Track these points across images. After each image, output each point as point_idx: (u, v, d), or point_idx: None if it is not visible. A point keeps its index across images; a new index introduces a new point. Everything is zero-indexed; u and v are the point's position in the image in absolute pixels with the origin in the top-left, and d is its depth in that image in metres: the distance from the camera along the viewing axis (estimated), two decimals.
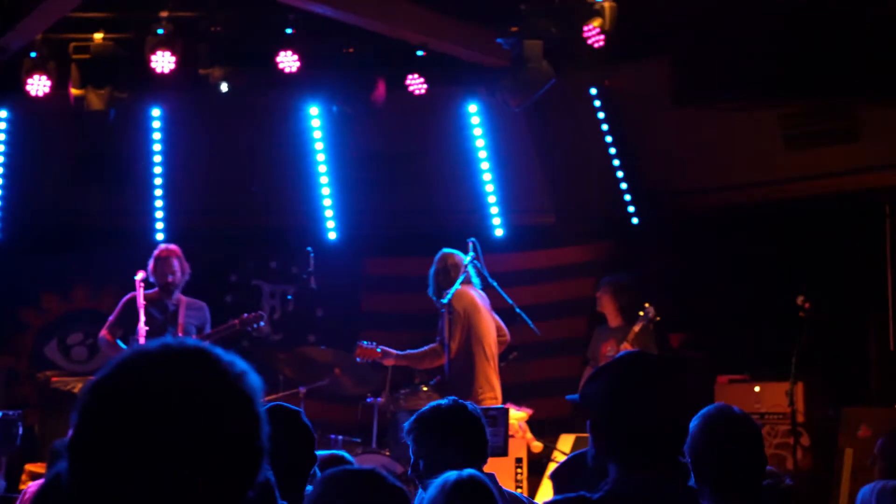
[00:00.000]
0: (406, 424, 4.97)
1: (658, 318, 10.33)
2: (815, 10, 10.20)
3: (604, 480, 3.02)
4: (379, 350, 9.20)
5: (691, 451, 3.95)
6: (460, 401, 4.90)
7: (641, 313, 10.30)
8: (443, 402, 4.90)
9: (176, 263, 9.71)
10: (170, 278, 9.67)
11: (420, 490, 4.62)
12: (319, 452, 3.83)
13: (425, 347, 9.19)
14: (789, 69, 10.48)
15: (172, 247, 9.88)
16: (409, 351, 9.24)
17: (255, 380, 1.83)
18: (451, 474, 3.73)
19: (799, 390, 10.11)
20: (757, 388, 10.66)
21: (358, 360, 9.24)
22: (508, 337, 9.60)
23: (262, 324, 9.60)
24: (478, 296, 9.23)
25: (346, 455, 4.97)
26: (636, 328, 10.22)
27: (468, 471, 3.80)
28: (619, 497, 2.93)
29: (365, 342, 9.21)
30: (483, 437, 4.83)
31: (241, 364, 1.83)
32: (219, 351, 1.82)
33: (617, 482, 2.96)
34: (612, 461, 3.00)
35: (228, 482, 1.76)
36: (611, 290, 10.65)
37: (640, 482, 2.94)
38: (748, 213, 11.88)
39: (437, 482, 3.78)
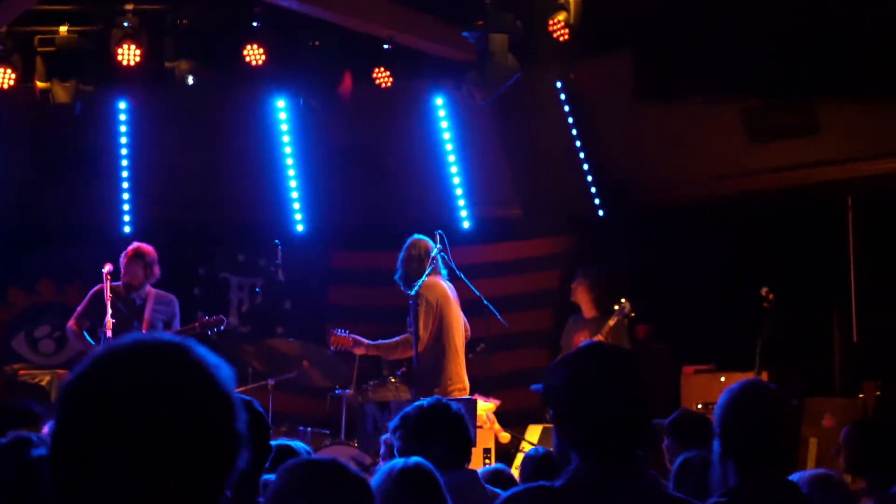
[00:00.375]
0: (391, 423, 5.00)
1: (633, 314, 10.38)
2: (775, 9, 10.28)
3: (565, 470, 3.05)
4: (351, 339, 9.19)
5: (719, 424, 4.00)
6: (444, 399, 4.94)
7: (617, 307, 10.33)
8: (426, 401, 4.94)
9: (139, 270, 9.63)
10: (131, 279, 9.62)
11: None
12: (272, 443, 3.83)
13: (397, 338, 9.19)
14: (749, 65, 10.56)
15: (143, 249, 9.77)
16: (380, 341, 9.24)
17: (228, 372, 1.84)
18: (398, 462, 3.76)
19: (763, 380, 10.18)
20: (722, 379, 10.73)
21: (332, 348, 9.22)
22: (470, 332, 9.63)
23: (222, 328, 9.57)
24: (448, 288, 9.25)
25: (298, 445, 4.96)
26: (611, 322, 10.26)
27: (414, 459, 3.83)
28: (578, 486, 2.95)
29: (339, 330, 9.20)
30: (466, 435, 4.87)
31: (213, 357, 1.84)
32: (192, 345, 1.83)
33: (577, 471, 2.99)
34: (574, 451, 3.03)
35: (205, 473, 1.77)
36: (586, 282, 10.69)
37: (599, 473, 2.97)
38: (712, 207, 11.97)
39: (384, 469, 3.81)
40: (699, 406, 10.45)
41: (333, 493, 2.74)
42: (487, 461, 9.27)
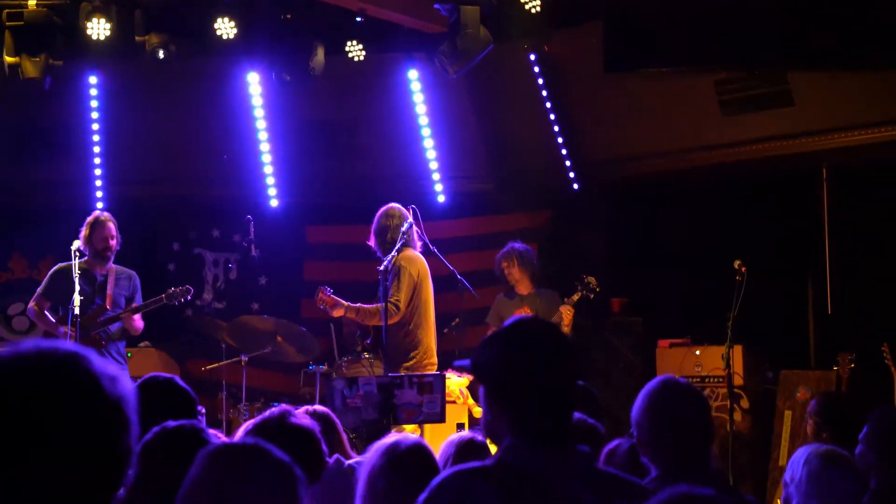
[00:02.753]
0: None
1: (598, 289, 10.35)
2: None
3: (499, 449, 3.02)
4: (333, 298, 9.09)
5: (638, 425, 4.01)
6: (289, 412, 4.71)
7: (580, 284, 10.30)
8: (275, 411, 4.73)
9: (113, 228, 9.59)
10: (111, 242, 9.55)
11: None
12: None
13: (376, 304, 9.11)
14: (722, 35, 10.51)
15: (106, 215, 9.75)
16: (360, 304, 9.15)
17: (124, 386, 1.82)
18: (396, 442, 3.71)
19: (738, 354, 10.20)
20: (697, 352, 10.74)
21: (321, 307, 9.15)
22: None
23: (188, 298, 9.51)
24: (425, 263, 9.21)
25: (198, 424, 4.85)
26: (575, 297, 10.23)
27: (412, 438, 3.79)
28: (506, 466, 2.92)
29: (326, 288, 9.13)
30: (309, 450, 4.62)
31: (111, 369, 1.82)
32: (90, 356, 1.81)
33: (509, 450, 2.95)
34: (507, 427, 2.99)
35: (90, 485, 1.75)
36: (516, 259, 10.64)
37: (531, 450, 2.93)
38: (686, 179, 11.95)
39: (382, 448, 3.75)
40: None
41: (256, 480, 2.67)
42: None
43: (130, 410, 1.80)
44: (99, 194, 12.26)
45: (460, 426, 9.33)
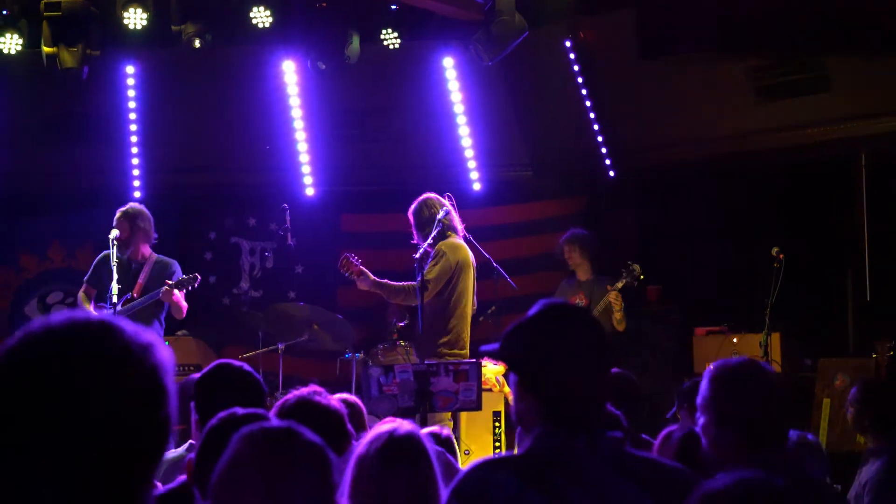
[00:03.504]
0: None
1: (642, 277, 10.29)
2: None
3: (527, 441, 3.00)
4: (360, 268, 9.02)
5: (712, 400, 3.94)
6: (317, 393, 4.73)
7: (625, 270, 10.23)
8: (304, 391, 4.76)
9: (125, 225, 9.55)
10: (119, 236, 9.56)
11: None
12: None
13: (404, 283, 9.06)
14: (757, 21, 10.43)
15: (126, 207, 9.68)
16: (386, 280, 9.11)
17: (160, 353, 1.80)
18: (385, 429, 3.68)
19: (776, 341, 10.14)
20: (735, 340, 10.68)
21: (345, 273, 9.09)
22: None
23: (195, 286, 9.44)
24: (469, 253, 9.12)
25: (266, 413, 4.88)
26: (619, 284, 10.17)
27: (405, 427, 3.76)
28: (532, 456, 2.91)
29: (352, 256, 9.08)
30: (337, 430, 4.65)
31: (145, 337, 1.80)
32: (123, 324, 1.79)
33: (539, 439, 2.94)
34: (536, 417, 2.98)
35: (130, 457, 1.74)
36: (578, 245, 10.62)
37: (562, 439, 2.92)
38: (723, 165, 11.88)
39: (368, 436, 3.72)
40: (711, 368, 10.41)
41: (289, 460, 2.69)
42: (497, 425, 9.26)
43: (165, 379, 1.79)
44: (136, 183, 12.32)
45: (496, 414, 9.33)
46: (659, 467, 3.04)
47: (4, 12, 10.89)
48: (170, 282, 9.27)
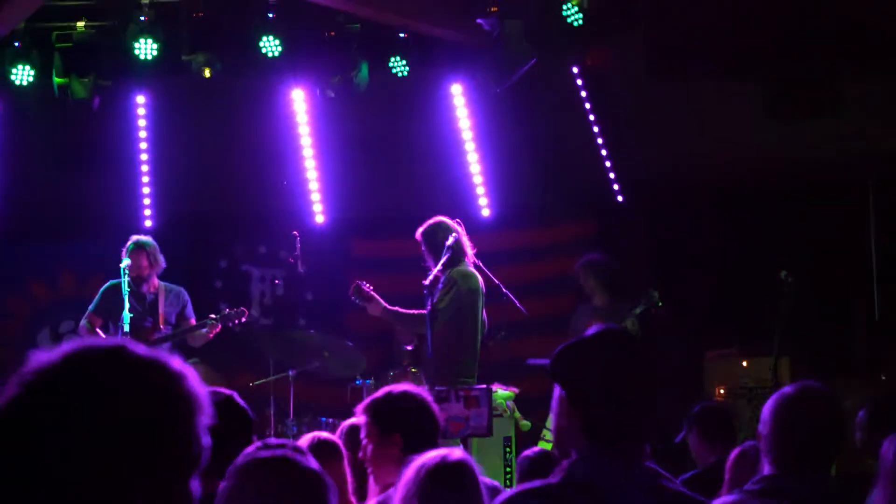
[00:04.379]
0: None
1: (660, 304, 10.28)
2: None
3: (566, 462, 3.02)
4: (371, 294, 9.05)
5: (765, 422, 4.01)
6: (411, 389, 4.89)
7: (644, 296, 10.23)
8: (396, 388, 4.90)
9: (143, 260, 9.64)
10: (142, 272, 9.64)
11: None
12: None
13: (414, 311, 9.08)
14: (768, 41, 10.47)
15: (142, 239, 9.79)
16: (398, 308, 9.12)
17: (193, 385, 1.81)
18: (436, 455, 3.71)
19: (785, 364, 10.13)
20: (744, 363, 10.68)
21: (353, 298, 9.13)
22: (487, 323, 9.56)
23: (244, 319, 9.55)
24: (480, 280, 9.14)
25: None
26: (637, 311, 10.17)
27: (455, 452, 3.78)
28: (570, 484, 2.92)
29: (364, 283, 9.11)
30: (430, 425, 4.82)
31: (178, 367, 1.82)
32: (154, 355, 1.81)
33: (575, 466, 2.96)
34: (577, 438, 3.00)
35: (167, 472, 1.76)
36: (592, 270, 10.64)
37: (596, 464, 2.94)
38: (734, 187, 11.89)
39: (418, 462, 3.76)
40: (721, 391, 10.41)
41: (288, 490, 2.71)
42: (508, 451, 9.25)
43: (194, 387, 1.80)
44: (147, 212, 12.37)
45: (506, 440, 9.32)
46: (689, 501, 3.05)
47: (16, 44, 10.97)
48: (213, 316, 9.37)
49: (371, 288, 9.00)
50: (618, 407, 2.98)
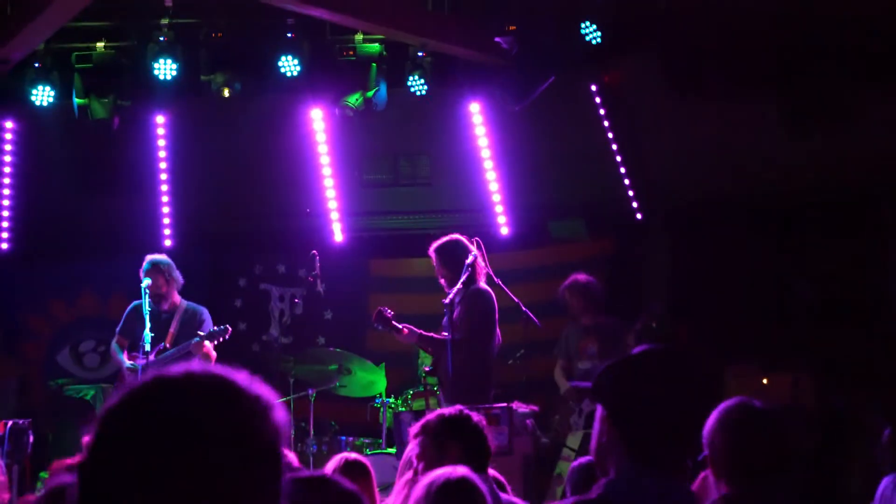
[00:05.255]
0: (412, 430, 5.03)
1: (655, 324, 10.29)
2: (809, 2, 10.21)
3: (604, 479, 3.02)
4: (392, 320, 9.04)
5: (709, 442, 4.02)
6: (465, 410, 4.99)
7: (645, 313, 10.25)
8: (447, 410, 4.99)
9: (159, 279, 9.68)
10: (159, 290, 9.68)
11: None
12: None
13: (438, 336, 9.07)
14: (784, 58, 10.47)
15: (156, 258, 9.82)
16: (432, 334, 9.11)
17: (279, 417, 1.78)
18: (439, 474, 3.74)
19: (806, 381, 10.10)
20: (765, 381, 10.65)
21: (376, 325, 9.11)
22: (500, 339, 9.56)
23: (226, 337, 9.55)
24: (494, 299, 9.14)
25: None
26: (638, 325, 10.18)
27: (460, 470, 3.81)
28: (611, 502, 2.93)
29: (386, 309, 9.09)
30: (484, 444, 4.91)
31: (264, 398, 1.78)
32: (244, 383, 1.77)
33: (612, 483, 2.96)
34: (619, 455, 3.00)
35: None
36: (578, 293, 10.62)
37: (634, 483, 2.94)
38: (750, 203, 11.86)
39: (425, 480, 3.79)
40: None
41: None
42: (528, 468, 9.23)
43: (281, 445, 1.78)
44: (167, 231, 12.42)
45: (527, 457, 9.30)
46: None
47: (37, 64, 11.04)
48: (201, 333, 9.37)
49: (392, 314, 8.98)
50: (661, 426, 2.98)
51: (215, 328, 9.53)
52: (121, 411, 1.72)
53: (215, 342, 9.48)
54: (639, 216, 12.35)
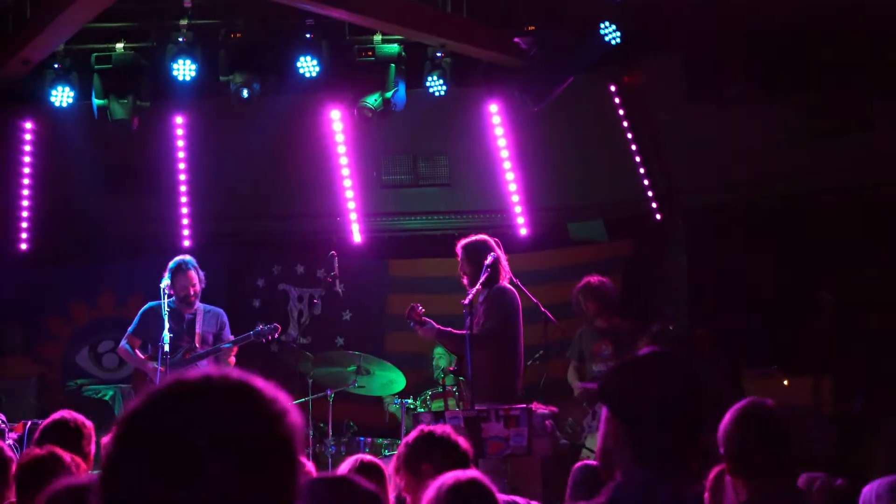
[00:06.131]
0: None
1: (672, 327, 10.22)
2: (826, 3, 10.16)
3: (612, 483, 3.00)
4: (423, 316, 9.03)
5: (722, 441, 4.06)
6: (426, 428, 5.03)
7: (660, 316, 10.19)
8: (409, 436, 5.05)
9: (194, 276, 9.72)
10: (190, 290, 9.69)
11: None
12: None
13: (463, 331, 9.05)
14: (806, 60, 10.42)
15: (186, 257, 9.86)
16: (450, 329, 9.10)
17: (295, 420, 1.78)
18: (450, 476, 3.73)
19: (826, 383, 10.06)
20: (785, 382, 10.61)
21: (409, 322, 9.09)
22: None
23: (276, 336, 9.60)
24: (518, 298, 9.11)
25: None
26: (654, 328, 10.11)
27: (469, 473, 3.81)
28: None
29: (418, 305, 9.08)
30: (456, 452, 4.91)
31: (282, 401, 1.78)
32: (262, 386, 1.77)
33: (619, 487, 2.95)
34: (625, 457, 2.99)
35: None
36: (592, 295, 10.55)
37: (642, 485, 2.92)
38: (771, 206, 11.82)
39: (436, 483, 3.79)
40: None
41: None
42: (547, 469, 9.20)
43: (298, 448, 1.77)
44: (185, 232, 12.43)
45: (546, 458, 9.27)
46: None
47: (56, 66, 11.07)
48: (251, 333, 9.44)
49: (423, 311, 8.97)
50: (668, 428, 2.98)
51: (264, 326, 9.58)
52: (140, 416, 1.72)
53: (264, 340, 9.54)
54: (658, 217, 12.31)
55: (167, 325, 9.23)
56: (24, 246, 12.31)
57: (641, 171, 12.14)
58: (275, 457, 1.72)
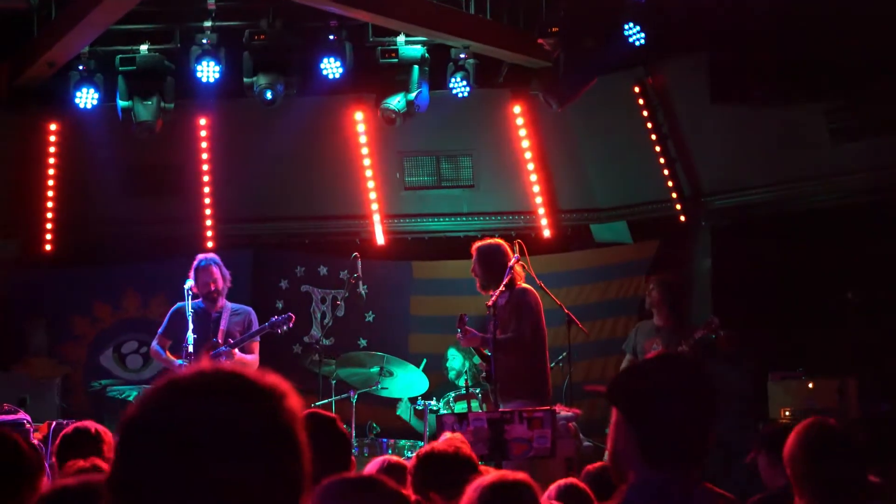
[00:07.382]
0: None
1: (721, 332, 10.15)
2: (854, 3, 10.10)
3: (626, 486, 3.00)
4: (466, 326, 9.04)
5: (789, 461, 4.09)
6: (390, 460, 5.00)
7: (704, 324, 10.12)
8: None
9: (216, 271, 9.76)
10: (212, 286, 9.73)
11: None
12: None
13: (505, 336, 9.04)
14: (828, 62, 10.36)
15: (210, 255, 9.93)
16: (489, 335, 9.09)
17: (294, 404, 1.78)
18: (494, 476, 3.72)
19: (852, 386, 10.00)
20: (810, 385, 10.54)
21: (458, 337, 9.09)
22: None
23: (290, 326, 9.63)
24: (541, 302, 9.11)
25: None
26: (697, 335, 10.04)
27: (514, 474, 3.79)
28: None
29: (466, 317, 9.07)
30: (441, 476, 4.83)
31: (279, 388, 1.78)
32: (255, 375, 1.77)
33: (633, 490, 2.94)
34: (635, 459, 2.98)
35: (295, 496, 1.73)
36: (661, 289, 10.51)
37: (654, 487, 2.92)
38: (796, 208, 11.76)
39: (477, 482, 3.78)
40: (787, 413, 10.28)
41: None
42: (571, 472, 9.19)
43: (300, 433, 1.77)
44: (209, 233, 12.46)
45: (569, 461, 9.25)
46: None
47: (81, 67, 11.11)
48: (265, 325, 9.52)
49: (467, 319, 8.95)
50: (677, 430, 2.98)
51: (278, 317, 9.63)
52: (138, 417, 1.73)
53: (279, 331, 9.57)
54: (682, 219, 12.27)
55: (191, 326, 9.27)
56: (48, 247, 12.36)
57: (665, 172, 12.10)
58: (275, 441, 1.73)
